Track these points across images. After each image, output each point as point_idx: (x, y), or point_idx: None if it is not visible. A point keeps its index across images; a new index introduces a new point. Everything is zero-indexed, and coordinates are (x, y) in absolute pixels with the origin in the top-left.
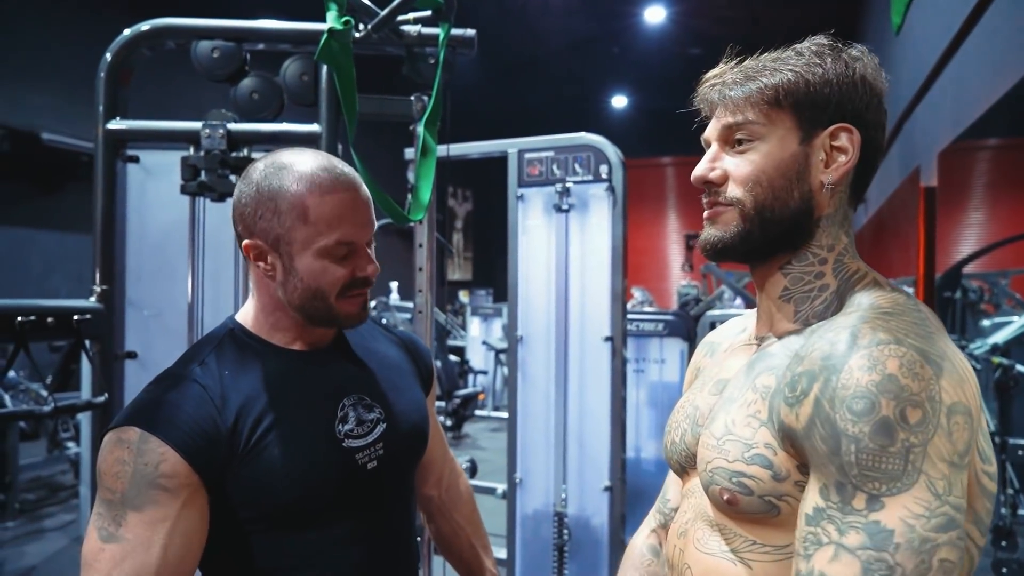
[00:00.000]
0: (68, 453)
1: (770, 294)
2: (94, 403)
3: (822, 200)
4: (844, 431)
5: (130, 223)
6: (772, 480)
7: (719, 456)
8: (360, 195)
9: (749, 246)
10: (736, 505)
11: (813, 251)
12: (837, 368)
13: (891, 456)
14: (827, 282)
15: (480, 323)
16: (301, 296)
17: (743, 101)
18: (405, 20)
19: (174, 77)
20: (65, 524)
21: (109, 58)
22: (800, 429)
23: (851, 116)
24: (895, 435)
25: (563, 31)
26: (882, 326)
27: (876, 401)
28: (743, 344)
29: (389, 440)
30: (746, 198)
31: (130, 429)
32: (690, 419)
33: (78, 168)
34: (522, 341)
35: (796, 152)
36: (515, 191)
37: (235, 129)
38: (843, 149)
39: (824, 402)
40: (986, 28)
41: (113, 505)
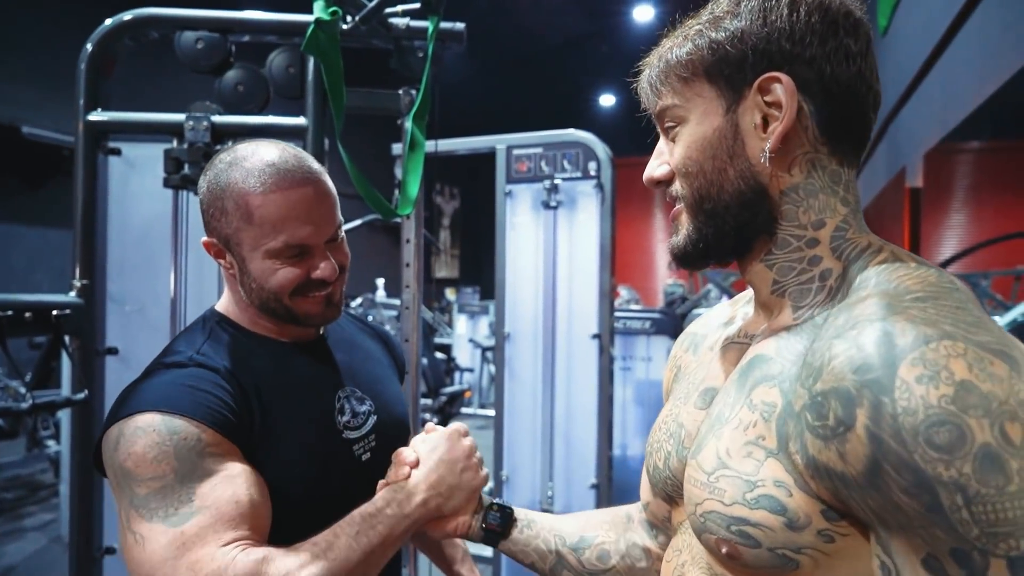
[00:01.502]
0: (48, 451)
1: (760, 291)
2: (74, 400)
3: (772, 172)
4: (937, 477)
5: (112, 217)
6: (786, 529)
7: (712, 497)
8: (314, 191)
9: (706, 246)
10: (738, 559)
11: (794, 233)
12: (885, 384)
13: (1012, 497)
14: (828, 266)
15: (467, 320)
16: (257, 296)
17: (660, 84)
18: (393, 12)
19: (157, 68)
20: (45, 523)
21: (90, 49)
22: (857, 476)
23: (780, 59)
24: (1006, 467)
25: (552, 28)
26: (920, 316)
27: (963, 424)
28: (732, 342)
29: (380, 432)
30: (687, 191)
31: (144, 415)
32: (674, 439)
33: (60, 162)
34: (509, 338)
35: (720, 126)
36: (503, 187)
37: (219, 122)
38: (776, 102)
39: (887, 438)
40: (971, 31)
41: (168, 489)
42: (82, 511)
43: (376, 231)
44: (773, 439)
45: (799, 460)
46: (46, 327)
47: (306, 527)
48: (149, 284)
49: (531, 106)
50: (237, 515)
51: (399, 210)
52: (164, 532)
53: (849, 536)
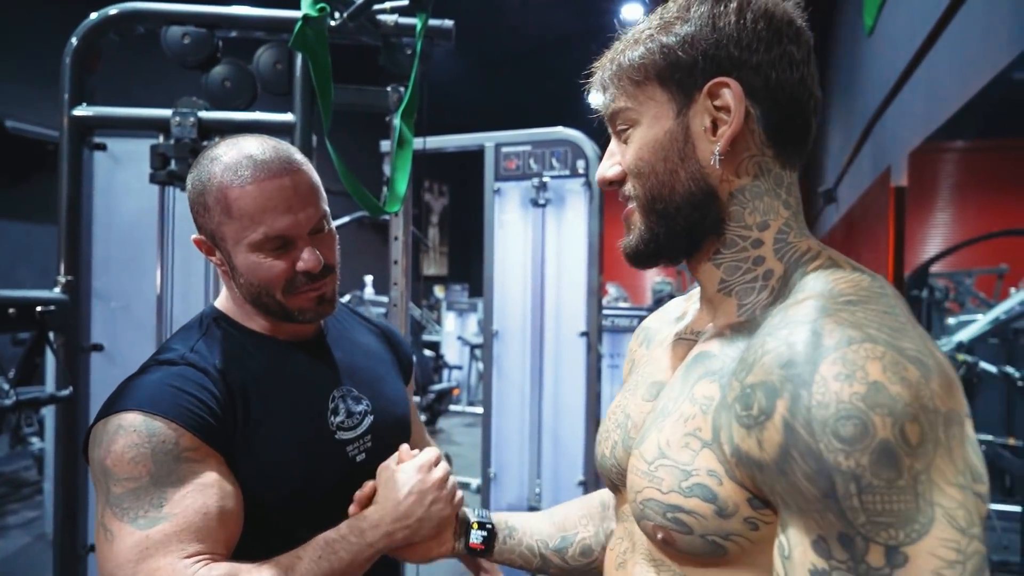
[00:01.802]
0: (32, 449)
1: (707, 289)
2: (58, 397)
3: (721, 174)
4: (836, 466)
5: (97, 212)
6: (716, 516)
7: (651, 485)
8: (291, 181)
9: (658, 245)
10: (673, 545)
11: (740, 233)
12: (805, 379)
13: (901, 492)
14: (770, 267)
15: (455, 318)
16: (248, 292)
17: (612, 87)
18: (382, 9)
19: (143, 64)
20: (29, 521)
21: (75, 43)
22: (770, 461)
23: (729, 65)
24: (899, 463)
25: (540, 26)
26: (848, 320)
27: (868, 420)
28: (680, 338)
29: (377, 433)
30: (639, 191)
31: (127, 415)
32: (621, 429)
33: (44, 157)
34: (497, 336)
35: (671, 128)
36: (492, 185)
37: (206, 117)
38: (726, 106)
39: (799, 428)
40: (955, 32)
41: (142, 491)
42: (67, 508)
43: (364, 228)
44: (709, 431)
45: (727, 450)
46: (30, 323)
47: (298, 527)
48: (135, 280)
49: (520, 104)
50: (204, 527)
51: (387, 207)
52: (131, 534)
53: (771, 524)
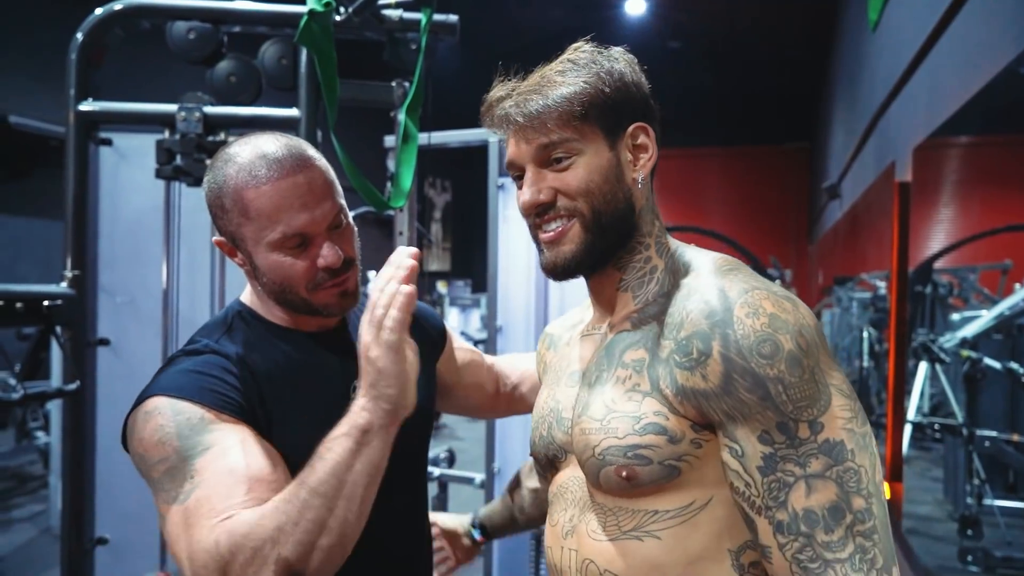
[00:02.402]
0: (37, 443)
1: (605, 289)
2: (65, 391)
3: (638, 195)
4: (766, 376)
5: (103, 207)
6: (669, 444)
7: (607, 436)
8: (305, 178)
9: (595, 257)
10: (636, 478)
11: (639, 240)
12: (727, 322)
13: (807, 383)
14: (655, 263)
15: (458, 313)
16: (272, 291)
17: (552, 120)
18: (387, 4)
19: (148, 59)
20: (34, 515)
21: (81, 38)
22: (714, 388)
23: (640, 114)
24: (802, 363)
25: (543, 21)
26: (737, 278)
27: (776, 340)
28: (582, 336)
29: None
30: (584, 208)
31: (154, 399)
32: (554, 413)
33: (47, 152)
34: (501, 331)
35: (610, 157)
36: (496, 180)
37: (212, 112)
38: (644, 147)
39: (733, 356)
40: (961, 25)
41: (172, 469)
42: (73, 502)
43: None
44: (646, 383)
45: (669, 393)
46: (37, 318)
47: None
48: (140, 275)
49: None
50: (232, 483)
51: (392, 202)
52: (176, 511)
53: (711, 441)
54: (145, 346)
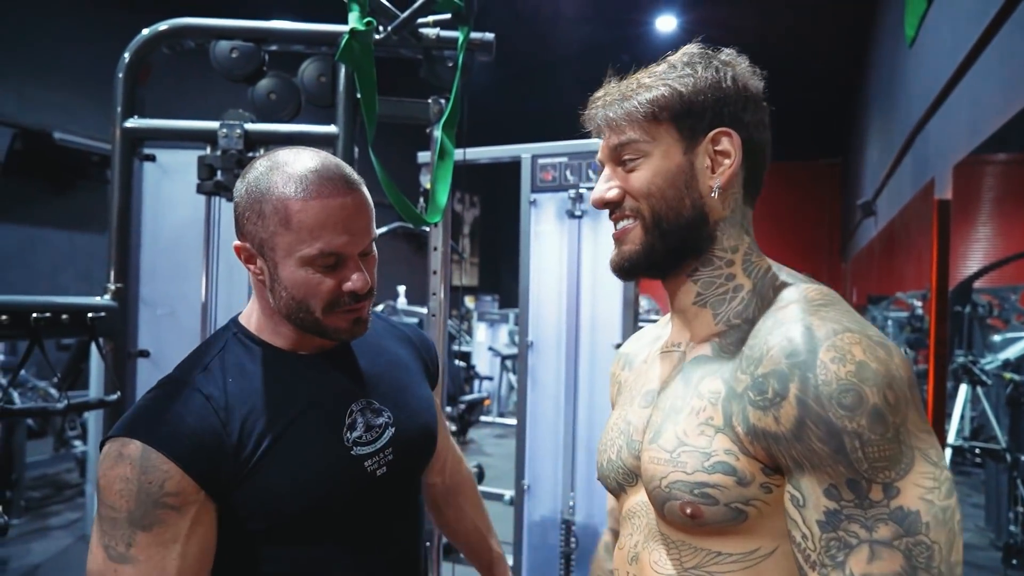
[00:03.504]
0: (74, 451)
1: (683, 302)
2: (107, 401)
3: (714, 205)
4: (843, 428)
5: (145, 221)
6: (737, 486)
7: (675, 470)
8: (353, 201)
9: (653, 259)
10: (700, 518)
11: (718, 255)
12: (809, 364)
13: (890, 442)
14: (740, 282)
15: (486, 329)
16: (287, 306)
17: (624, 121)
18: (425, 23)
19: (191, 76)
20: (71, 522)
21: (128, 57)
22: (786, 432)
23: (729, 120)
24: (887, 420)
25: (575, 38)
26: (828, 316)
27: (861, 391)
28: (661, 352)
29: (398, 445)
30: (645, 210)
31: (131, 443)
32: (624, 435)
33: (89, 167)
34: (532, 347)
35: (681, 162)
36: (528, 196)
37: (252, 129)
38: (726, 153)
39: (811, 402)
40: (1004, 40)
41: (119, 524)
42: None
43: (398, 238)
44: (720, 418)
45: (741, 431)
46: (82, 329)
47: (314, 543)
48: (180, 288)
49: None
50: None
51: (428, 218)
52: (103, 558)
53: (781, 487)
54: (183, 357)
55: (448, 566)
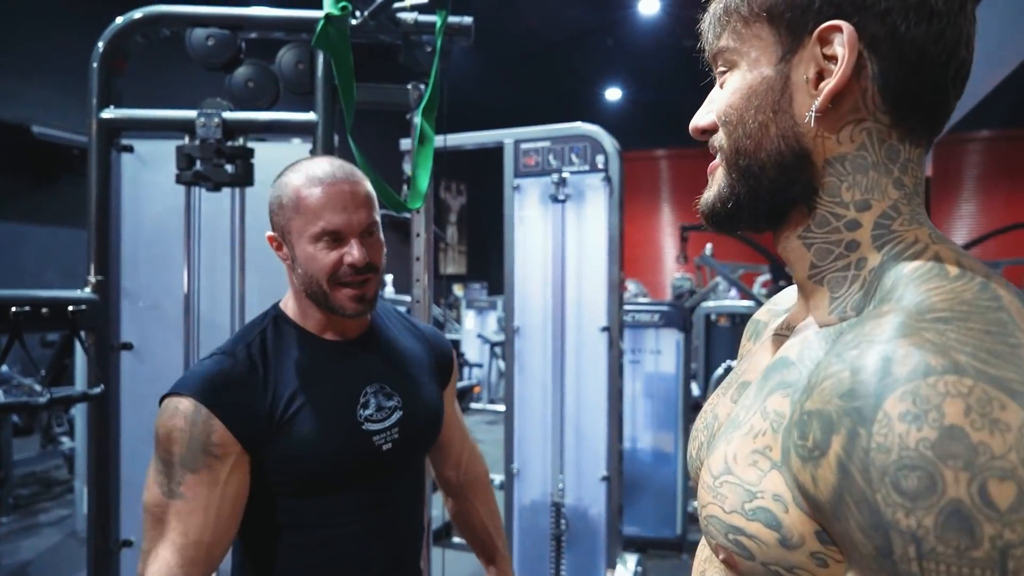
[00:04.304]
0: (62, 448)
1: (799, 274)
2: (90, 394)
3: (818, 135)
4: (894, 523)
5: (125, 213)
6: (779, 546)
7: (714, 502)
8: (351, 188)
9: (737, 206)
10: (735, 568)
11: (834, 211)
12: (866, 415)
13: (975, 564)
14: (864, 255)
15: (475, 316)
16: (303, 282)
17: (720, 24)
18: (402, 7)
19: (167, 65)
20: (60, 519)
21: (102, 47)
22: (824, 502)
23: (851, 5)
24: (979, 530)
25: (558, 22)
26: (932, 341)
27: (937, 473)
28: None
29: (404, 426)
30: (725, 143)
31: (185, 400)
32: (708, 430)
33: (70, 161)
34: (519, 332)
35: (769, 75)
36: (511, 181)
37: (230, 118)
38: (834, 56)
39: (854, 471)
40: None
41: (171, 466)
42: (100, 504)
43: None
44: (779, 451)
45: (791, 478)
46: (62, 323)
47: (324, 500)
48: (162, 279)
49: (537, 101)
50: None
51: (409, 204)
52: (157, 493)
53: (842, 563)
54: (167, 350)
55: (438, 551)
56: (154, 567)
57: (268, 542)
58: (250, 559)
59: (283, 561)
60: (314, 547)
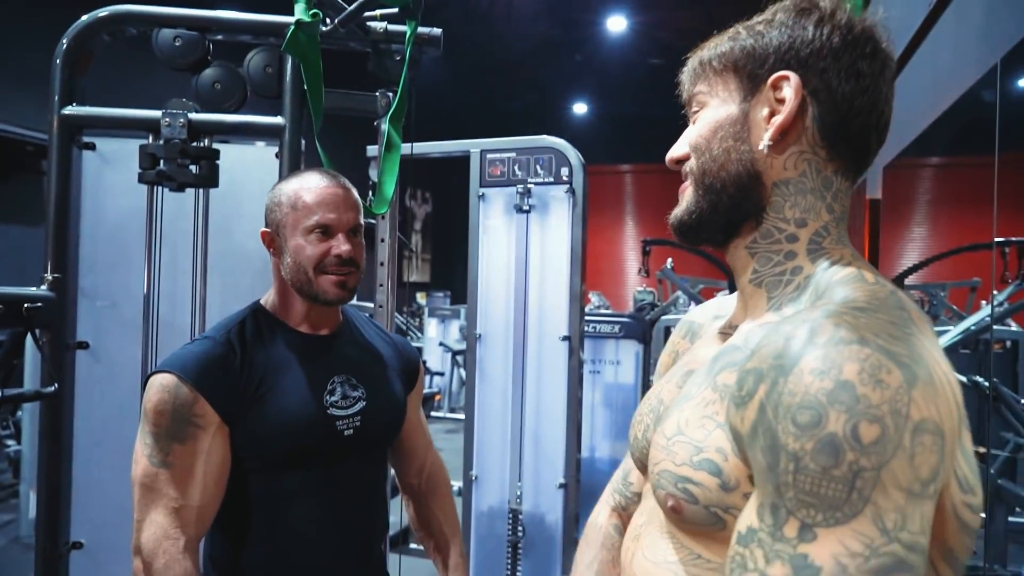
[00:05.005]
0: (7, 451)
1: (742, 279)
2: (43, 393)
3: (769, 162)
4: (784, 445)
5: (85, 211)
6: (719, 489)
7: (667, 458)
8: (342, 192)
9: (699, 219)
10: (680, 513)
11: (777, 225)
12: (786, 369)
13: (833, 480)
14: (800, 264)
15: (437, 324)
16: (291, 271)
17: (694, 73)
18: (372, 16)
19: (133, 64)
20: (5, 524)
21: (66, 44)
22: (745, 435)
23: (797, 63)
24: (841, 455)
25: (527, 36)
26: (849, 323)
27: (823, 413)
28: (718, 332)
29: (366, 416)
30: (694, 167)
31: (169, 376)
32: (653, 413)
33: (24, 158)
34: (481, 339)
35: (733, 112)
36: (477, 191)
37: (196, 119)
38: (784, 99)
39: (768, 408)
40: (930, 47)
41: (159, 437)
42: (49, 505)
43: None
44: (723, 414)
45: (728, 430)
46: (17, 320)
47: (287, 475)
48: (122, 279)
49: (504, 112)
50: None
51: (374, 209)
52: (146, 463)
53: None
54: (124, 350)
55: (395, 557)
56: (149, 531)
57: (237, 516)
58: (219, 531)
59: (251, 534)
60: (279, 521)
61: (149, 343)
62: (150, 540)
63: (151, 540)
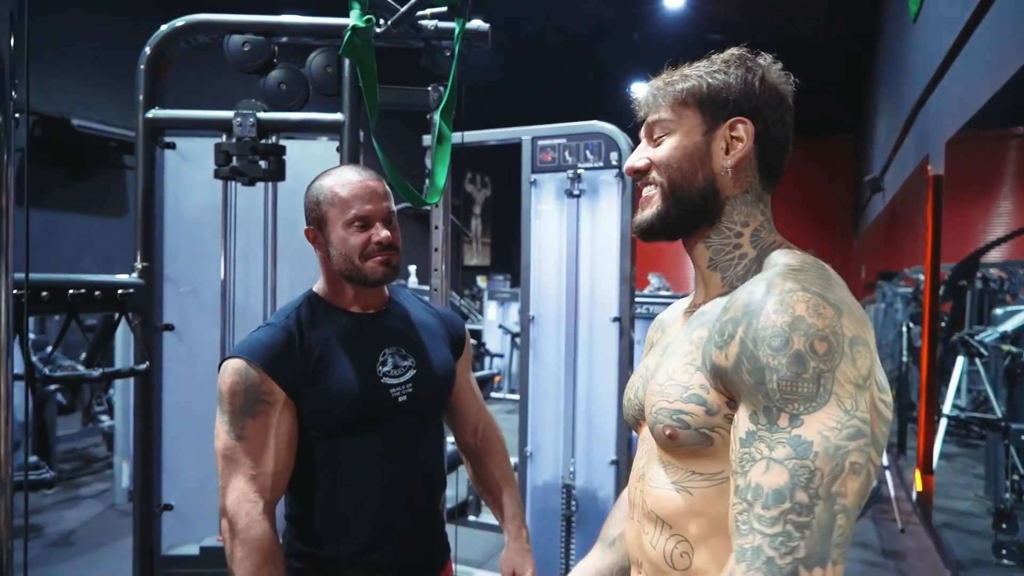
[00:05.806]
0: (101, 426)
1: (700, 265)
2: (137, 370)
3: (726, 182)
4: (766, 364)
5: (167, 205)
6: (705, 415)
7: (662, 399)
8: (375, 184)
9: (668, 223)
10: (676, 439)
11: (728, 226)
12: (756, 312)
13: (805, 381)
14: (745, 251)
15: (497, 307)
16: (338, 262)
17: (660, 102)
18: (423, 16)
19: (206, 69)
20: (100, 492)
21: (148, 51)
22: (729, 367)
23: (749, 111)
24: (807, 364)
25: (582, 17)
26: (792, 278)
27: (789, 338)
28: (685, 312)
29: (417, 383)
30: (663, 180)
31: (239, 360)
32: (642, 378)
33: (107, 153)
34: (534, 321)
35: (699, 141)
36: (528, 177)
37: (264, 118)
38: (740, 138)
39: (748, 342)
40: (993, 18)
41: (234, 415)
42: (144, 472)
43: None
44: (699, 359)
45: (709, 369)
46: (113, 304)
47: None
48: (201, 267)
49: (560, 96)
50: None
51: (427, 199)
52: (226, 438)
53: None
54: (205, 332)
55: (452, 529)
56: (233, 495)
57: (306, 480)
58: (293, 494)
59: (318, 493)
60: (343, 483)
61: (227, 325)
62: (233, 504)
63: (234, 503)
